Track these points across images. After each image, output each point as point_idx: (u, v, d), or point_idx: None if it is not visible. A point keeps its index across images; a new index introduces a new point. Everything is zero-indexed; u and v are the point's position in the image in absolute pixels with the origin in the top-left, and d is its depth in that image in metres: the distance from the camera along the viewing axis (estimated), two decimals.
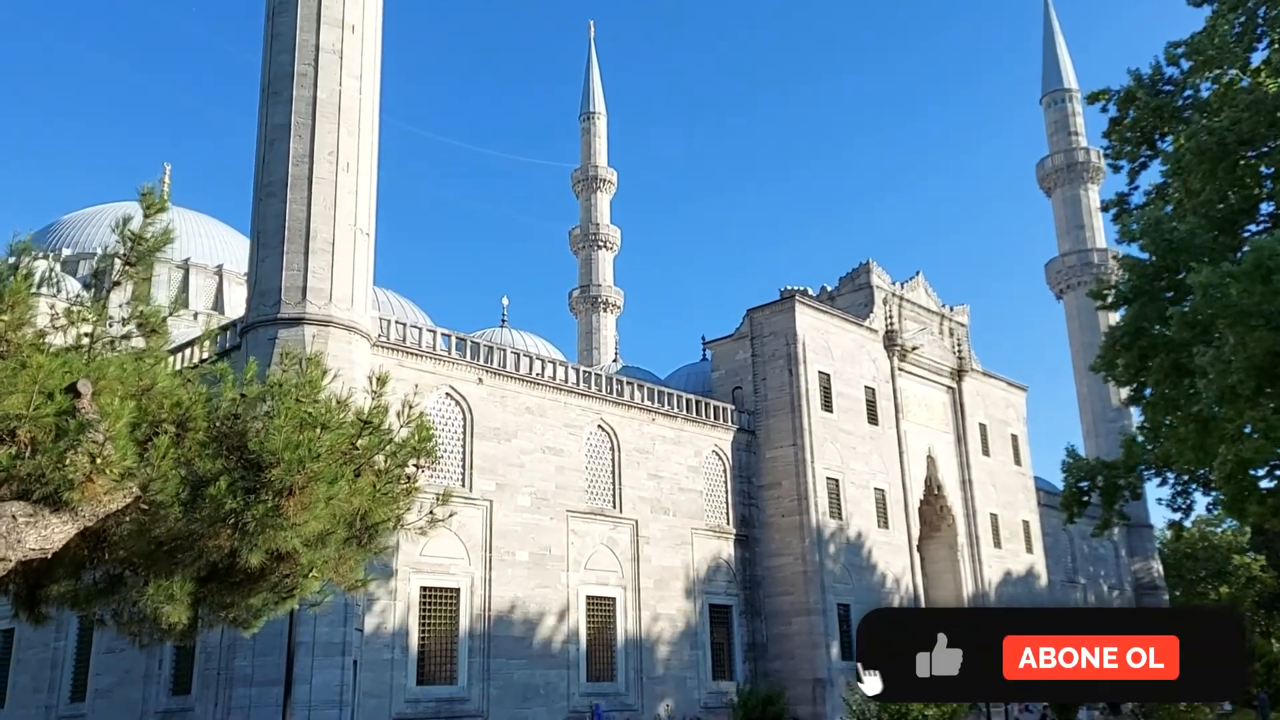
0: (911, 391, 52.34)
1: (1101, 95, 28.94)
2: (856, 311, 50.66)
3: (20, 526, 6.72)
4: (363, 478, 9.29)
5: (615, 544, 39.23)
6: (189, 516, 8.01)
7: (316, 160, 30.84)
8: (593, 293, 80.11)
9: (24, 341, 7.79)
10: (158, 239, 8.80)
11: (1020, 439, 59.99)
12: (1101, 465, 29.95)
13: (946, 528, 52.54)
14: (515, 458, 36.50)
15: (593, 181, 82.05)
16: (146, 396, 8.04)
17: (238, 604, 9.42)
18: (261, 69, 33.04)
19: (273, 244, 30.45)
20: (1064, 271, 74.26)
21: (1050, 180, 76.52)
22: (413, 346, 34.52)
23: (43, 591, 9.27)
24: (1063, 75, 78.30)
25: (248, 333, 30.29)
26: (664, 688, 39.08)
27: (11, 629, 36.60)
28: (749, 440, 45.66)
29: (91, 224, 54.86)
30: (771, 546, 44.49)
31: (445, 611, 33.67)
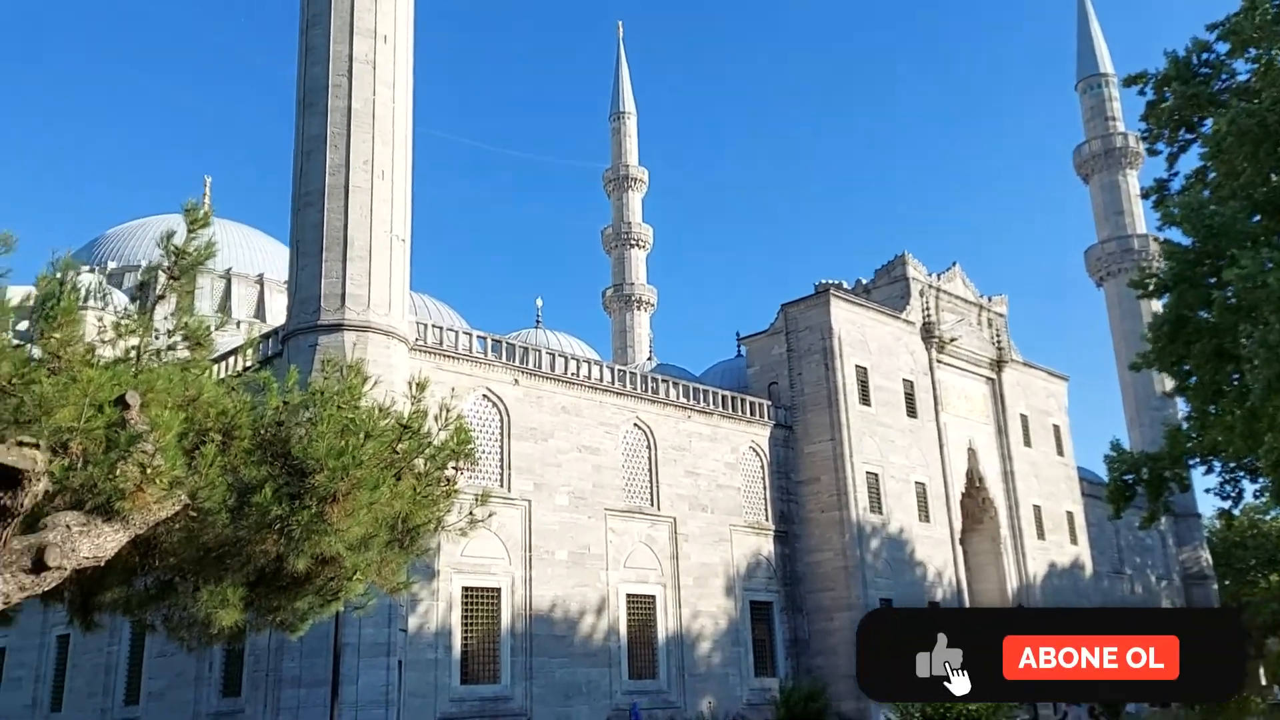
0: (950, 383, 51.92)
1: (1139, 79, 28.59)
2: (893, 304, 50.34)
3: (74, 536, 6.93)
4: (403, 481, 9.45)
5: (654, 542, 39.33)
6: (236, 523, 8.21)
7: (352, 169, 31.24)
8: (626, 291, 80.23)
9: (74, 357, 8.02)
10: (200, 253, 9.03)
11: (1062, 429, 59.30)
12: (1146, 458, 29.58)
13: (989, 520, 52.05)
14: (552, 457, 36.73)
15: (624, 181, 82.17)
16: (193, 406, 8.25)
17: (284, 607, 9.62)
18: (297, 81, 33.51)
19: (311, 252, 30.89)
20: (1104, 259, 73.28)
21: (1087, 166, 75.53)
22: (449, 350, 34.83)
23: (96, 598, 9.52)
24: (1098, 60, 77.23)
25: (289, 340, 30.75)
26: (706, 685, 39.13)
27: (67, 635, 37.43)
28: (786, 436, 45.56)
29: (135, 237, 55.90)
30: (811, 542, 44.34)
31: (487, 611, 33.96)
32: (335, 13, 32.65)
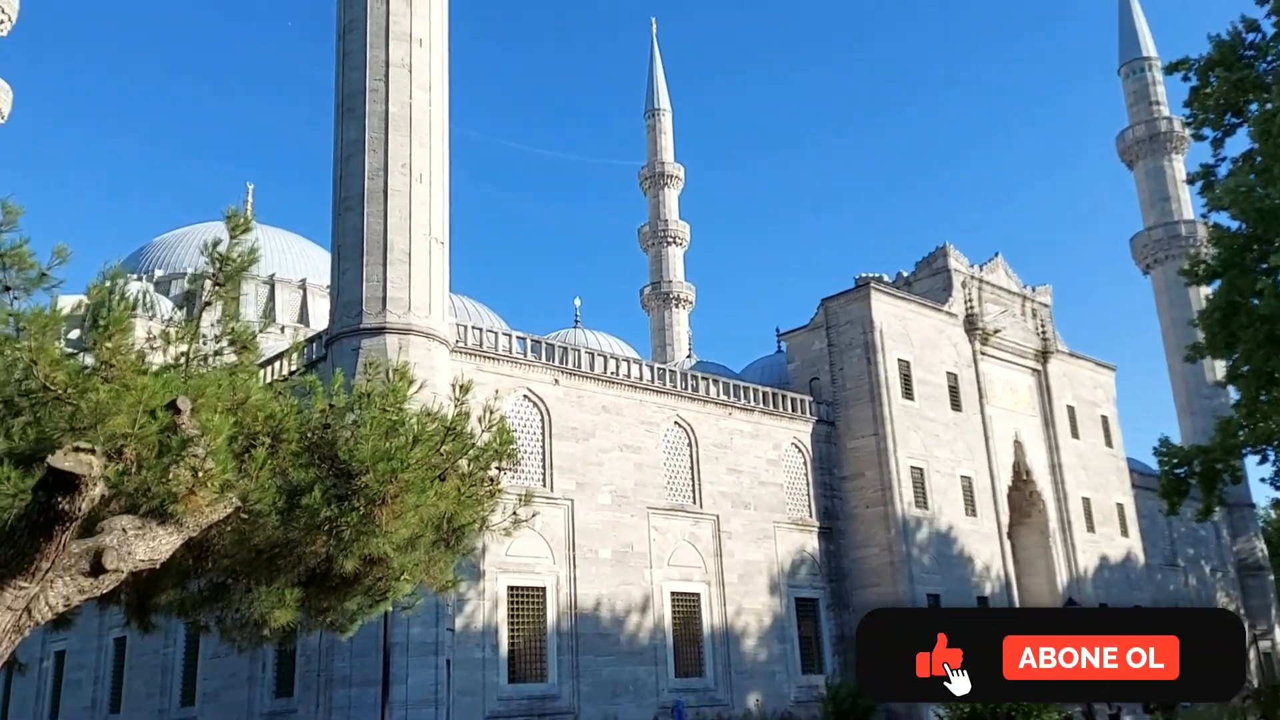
0: (995, 375, 51.34)
1: (1181, 65, 28.05)
2: (934, 296, 49.87)
3: (130, 539, 7.07)
4: (448, 482, 9.54)
5: (697, 539, 39.30)
6: (286, 525, 8.32)
7: (390, 173, 31.53)
8: (664, 289, 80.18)
9: (126, 364, 8.18)
10: (244, 259, 9.16)
11: (1111, 420, 58.40)
12: (1197, 450, 29.03)
13: (1037, 514, 51.41)
14: (594, 456, 36.83)
15: (660, 178, 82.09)
16: (242, 410, 8.38)
17: (334, 608, 9.75)
18: (335, 87, 33.89)
19: (352, 256, 31.23)
20: (1150, 246, 72.04)
21: (1132, 152, 74.28)
22: (489, 351, 35.05)
23: (151, 601, 9.70)
24: (1141, 44, 75.91)
25: (332, 344, 31.12)
26: (752, 682, 39.04)
27: (124, 637, 38.17)
28: (829, 431, 45.31)
29: (181, 245, 56.83)
30: (856, 538, 44.08)
31: (532, 610, 34.15)
32: (371, 18, 32.97)
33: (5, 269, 8.21)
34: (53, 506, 6.08)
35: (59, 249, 8.15)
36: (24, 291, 8.29)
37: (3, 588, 6.32)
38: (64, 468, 5.95)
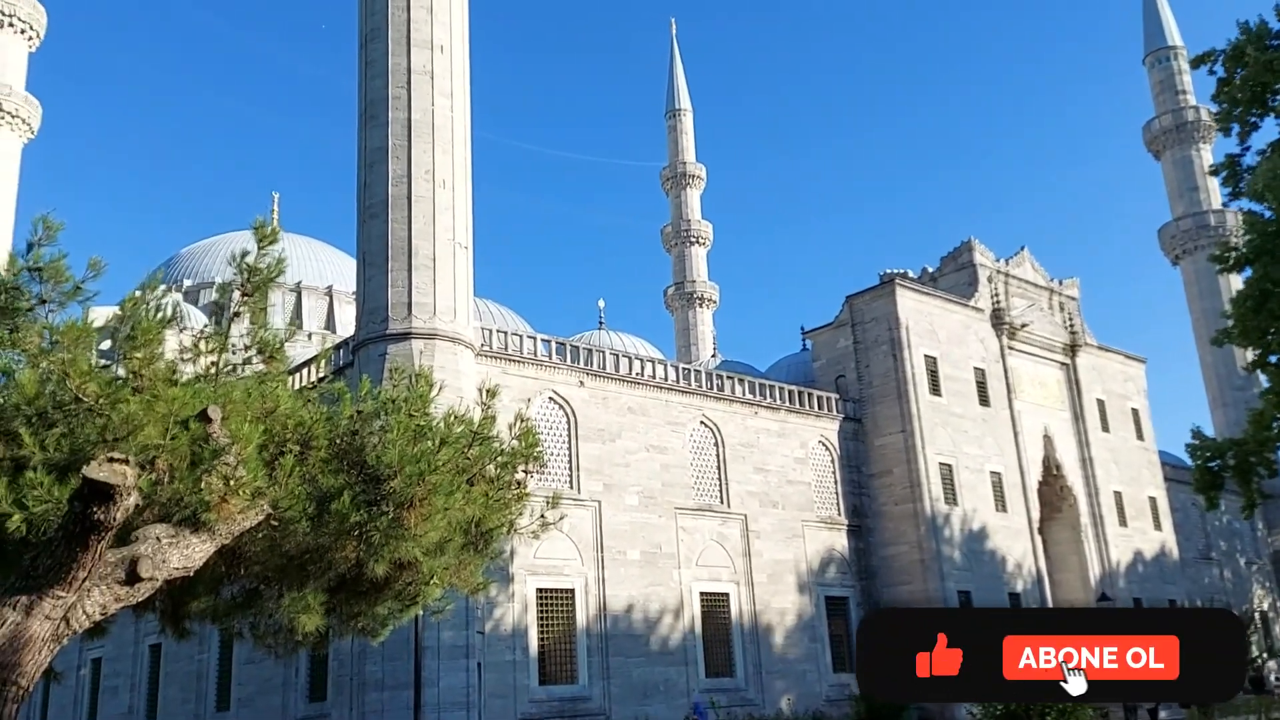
0: (1023, 370, 50.94)
1: (1207, 58, 27.71)
2: (960, 291, 49.55)
3: (164, 547, 7.17)
4: (476, 486, 9.61)
5: (725, 539, 39.25)
6: (316, 530, 8.42)
7: (414, 179, 31.73)
8: (687, 289, 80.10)
9: (157, 375, 8.30)
10: (271, 269, 9.28)
11: (1141, 413, 57.76)
12: (1231, 443, 28.64)
13: (1068, 508, 50.95)
14: (620, 458, 36.87)
15: (682, 178, 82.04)
16: (271, 418, 8.49)
17: (365, 613, 9.85)
18: (358, 95, 34.13)
19: (377, 263, 31.45)
20: (1179, 236, 71.24)
21: (1159, 142, 73.51)
22: (514, 354, 35.17)
23: (185, 607, 9.84)
24: (1166, 33, 75.10)
25: (359, 350, 31.34)
26: (784, 681, 38.94)
27: (159, 644, 38.59)
28: (856, 429, 45.12)
29: (209, 254, 57.48)
30: (886, 536, 43.87)
31: (562, 612, 34.23)
32: (392, 26, 33.18)
33: (42, 283, 8.35)
34: (88, 516, 6.18)
35: (94, 262, 8.28)
36: (59, 305, 8.43)
37: (42, 597, 6.43)
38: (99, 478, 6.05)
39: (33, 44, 55.88)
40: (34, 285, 8.50)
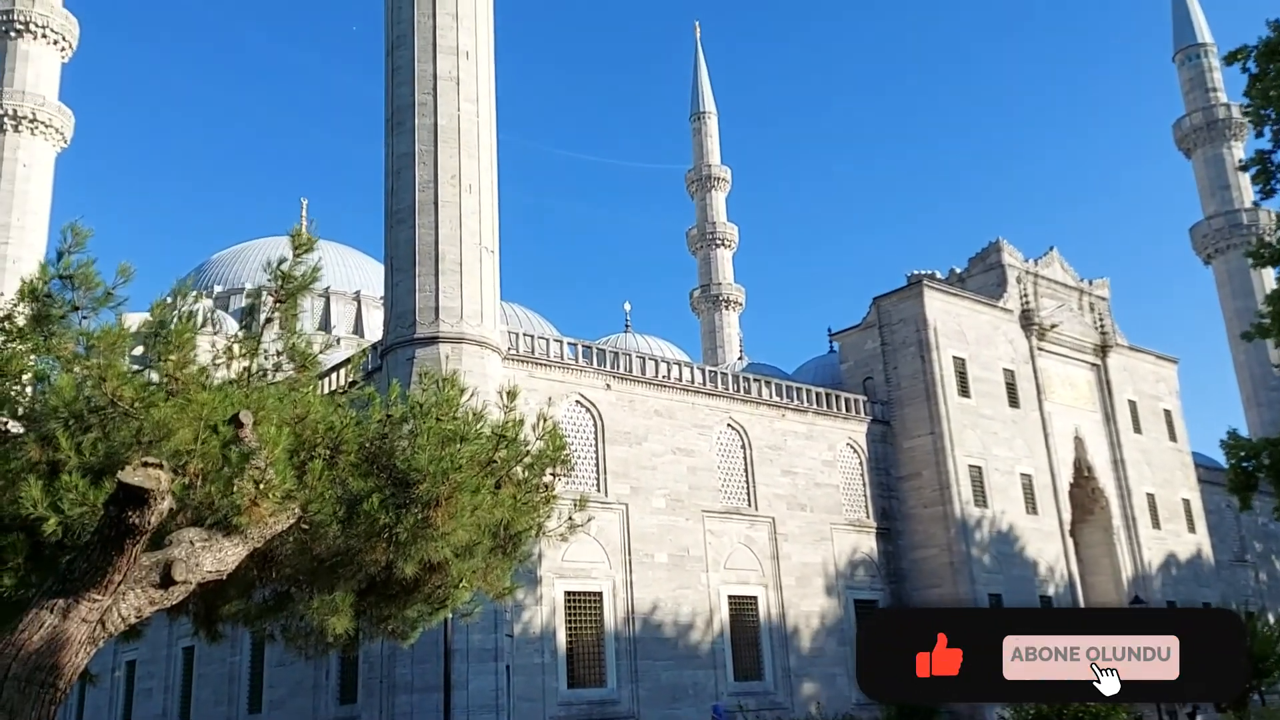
0: (1053, 371, 50.49)
1: (1240, 54, 27.37)
2: (988, 292, 49.19)
3: (198, 551, 7.24)
4: (503, 489, 9.64)
5: (753, 542, 39.15)
6: (346, 533, 8.47)
7: (440, 184, 31.91)
8: (713, 291, 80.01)
9: (189, 379, 8.39)
10: (306, 277, 9.36)
11: (1174, 414, 57.07)
12: (1266, 443, 28.25)
13: (1100, 511, 50.42)
14: (647, 460, 36.86)
15: (707, 181, 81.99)
16: (301, 423, 8.55)
17: (395, 615, 9.89)
18: (385, 102, 34.37)
19: (405, 267, 31.65)
20: (1210, 235, 70.39)
21: (1189, 141, 72.68)
22: (541, 357, 35.27)
23: (218, 610, 9.93)
24: (1196, 30, 74.25)
25: (387, 354, 31.54)
26: (813, 685, 38.77)
27: (192, 646, 39.00)
28: (884, 431, 44.88)
29: (239, 260, 58.07)
30: (915, 539, 43.59)
31: (590, 615, 34.26)
32: (418, 33, 33.39)
33: (74, 289, 8.47)
34: (123, 520, 6.25)
35: (123, 268, 8.39)
36: (92, 311, 8.55)
37: (78, 600, 6.51)
38: (134, 482, 6.12)
39: (65, 55, 56.68)
40: (66, 292, 8.62)
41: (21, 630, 6.45)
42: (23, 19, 54.14)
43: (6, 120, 52.82)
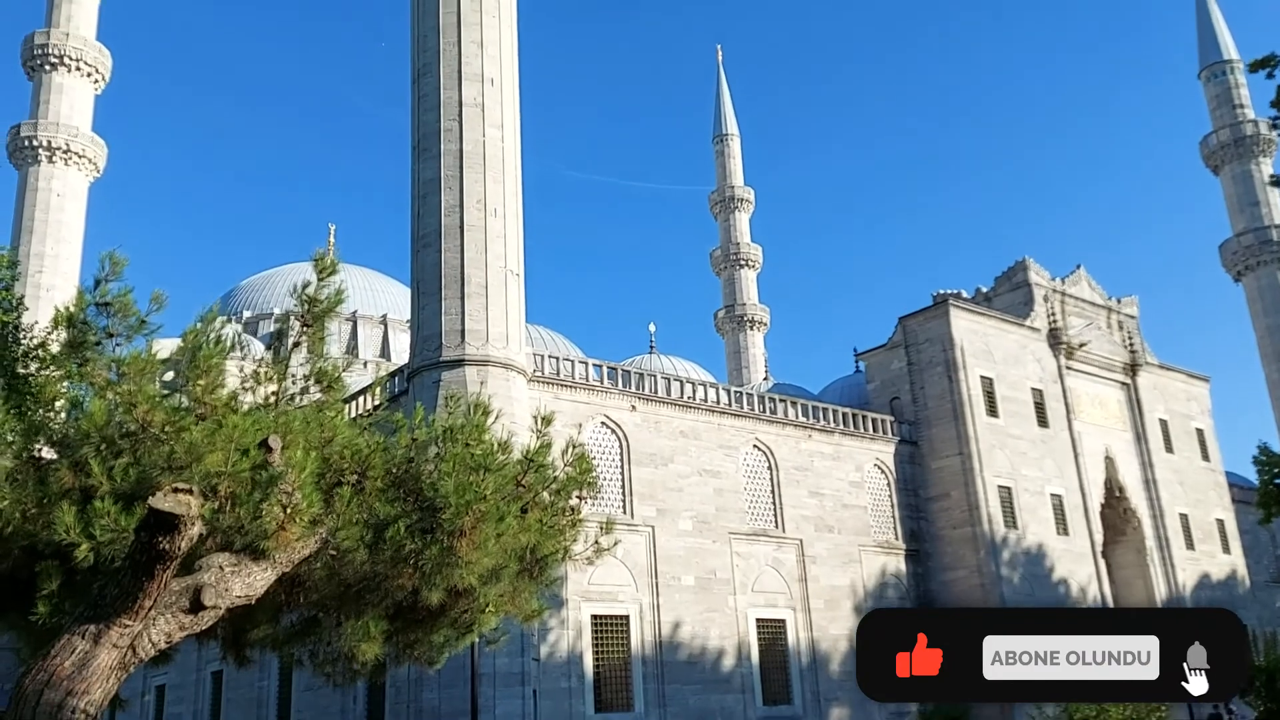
0: (1082, 390, 50.00)
1: (1267, 62, 27.14)
2: (1015, 311, 48.87)
3: (227, 576, 7.29)
4: (530, 514, 9.64)
5: (781, 564, 38.88)
6: (373, 558, 8.50)
7: (466, 209, 32.16)
8: (738, 312, 79.94)
9: (218, 403, 8.47)
10: (331, 300, 9.45)
11: (1206, 433, 56.34)
12: None
13: (1132, 531, 49.76)
14: (673, 482, 36.76)
15: (730, 202, 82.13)
16: (329, 447, 8.60)
17: (422, 641, 9.89)
18: (411, 128, 34.74)
19: (431, 291, 31.86)
20: (1240, 252, 69.61)
21: (1216, 157, 72.06)
22: (566, 379, 35.32)
23: (247, 635, 9.96)
24: (1221, 47, 73.74)
25: (414, 377, 31.70)
26: (842, 710, 38.34)
27: (220, 671, 39.13)
28: (912, 451, 44.56)
29: (268, 286, 58.63)
30: (944, 560, 43.15)
31: (616, 638, 34.09)
32: (444, 60, 33.76)
33: (110, 316, 8.58)
34: (154, 546, 6.30)
35: (156, 295, 8.50)
36: (126, 338, 8.66)
37: (109, 626, 6.56)
38: (164, 508, 6.17)
39: (98, 86, 57.68)
40: (101, 319, 8.74)
41: (54, 656, 6.50)
42: (57, 52, 55.19)
43: (41, 151, 53.77)
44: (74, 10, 56.58)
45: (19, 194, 54.16)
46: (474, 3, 34.51)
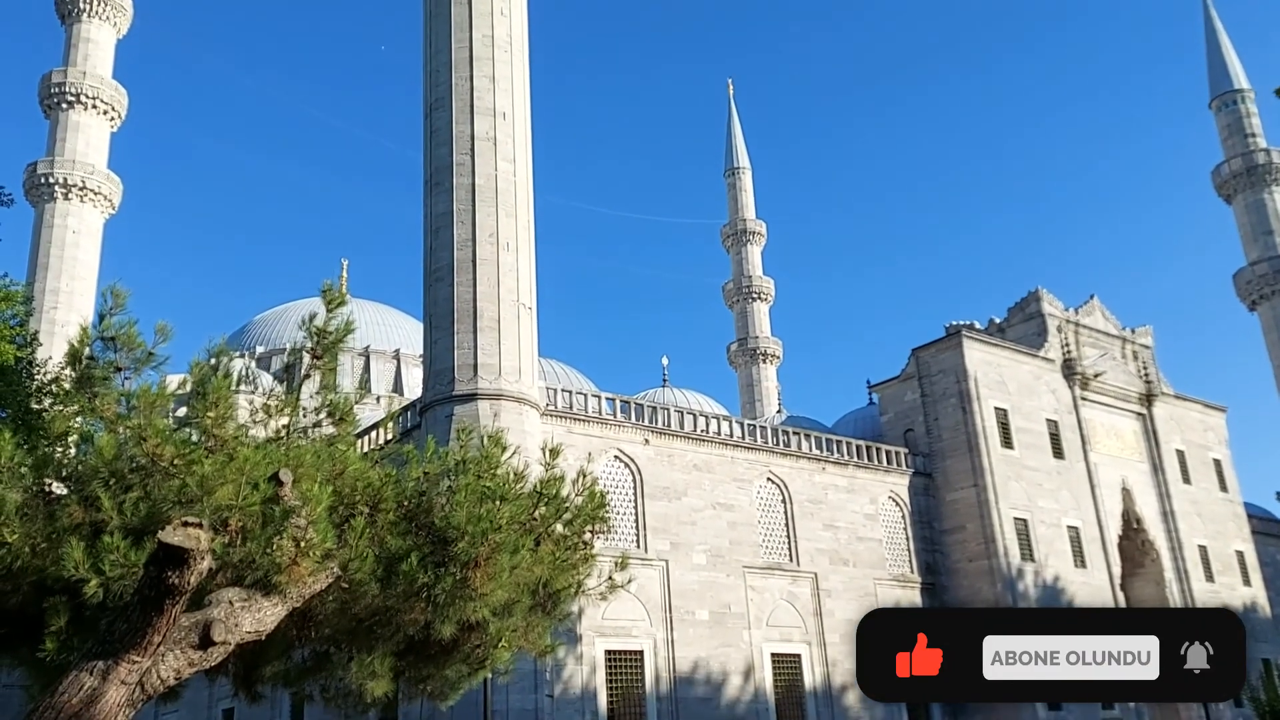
0: (1098, 421, 49.62)
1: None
2: (1029, 342, 48.65)
3: (237, 611, 7.19)
4: (542, 547, 9.54)
5: (795, 598, 38.51)
6: (385, 592, 8.40)
7: (479, 243, 32.26)
8: (751, 345, 79.85)
9: (228, 436, 8.42)
10: (340, 331, 9.42)
11: (1224, 463, 55.77)
12: None
13: (1150, 563, 49.15)
14: (687, 516, 36.51)
15: (742, 235, 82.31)
16: (340, 480, 8.54)
17: (434, 676, 9.77)
18: (424, 163, 34.96)
19: (443, 325, 31.89)
20: (1255, 281, 69.31)
21: (1229, 187, 71.96)
22: (579, 413, 35.22)
23: (257, 671, 9.85)
24: (1232, 76, 73.89)
25: (426, 411, 31.66)
26: None
27: (231, 708, 38.81)
28: (926, 484, 44.22)
29: (280, 321, 58.83)
30: (960, 593, 42.64)
31: (631, 674, 33.72)
32: (456, 95, 34.02)
33: (116, 350, 8.57)
34: (163, 581, 6.22)
35: (160, 327, 8.49)
36: (134, 371, 8.63)
37: (118, 662, 6.46)
38: (174, 542, 6.09)
39: (114, 124, 58.35)
40: (108, 353, 8.73)
41: (62, 692, 6.41)
42: (74, 90, 55.90)
43: (57, 188, 54.30)
44: (91, 50, 57.37)
45: (35, 231, 54.64)
46: (486, 38, 34.84)
